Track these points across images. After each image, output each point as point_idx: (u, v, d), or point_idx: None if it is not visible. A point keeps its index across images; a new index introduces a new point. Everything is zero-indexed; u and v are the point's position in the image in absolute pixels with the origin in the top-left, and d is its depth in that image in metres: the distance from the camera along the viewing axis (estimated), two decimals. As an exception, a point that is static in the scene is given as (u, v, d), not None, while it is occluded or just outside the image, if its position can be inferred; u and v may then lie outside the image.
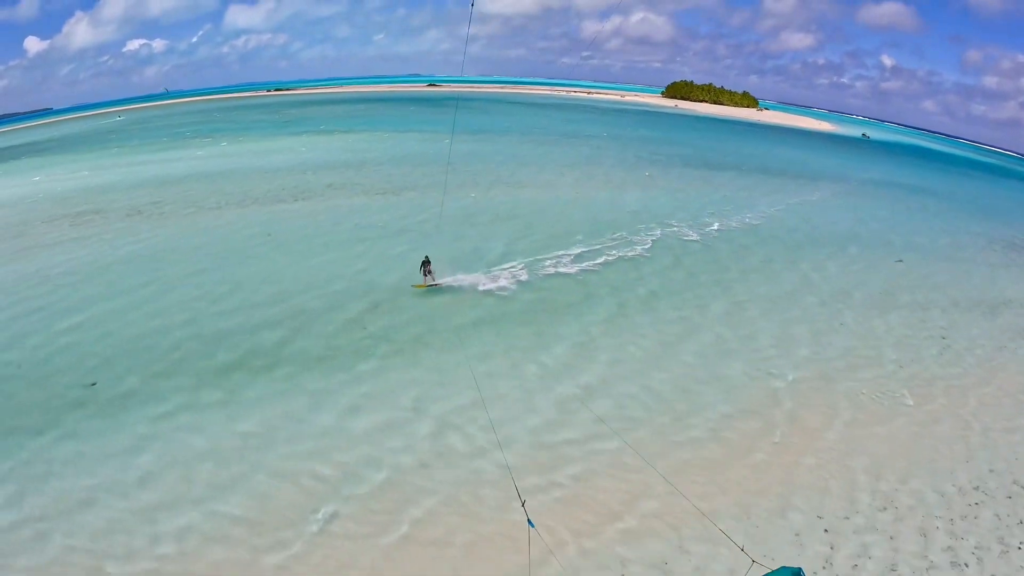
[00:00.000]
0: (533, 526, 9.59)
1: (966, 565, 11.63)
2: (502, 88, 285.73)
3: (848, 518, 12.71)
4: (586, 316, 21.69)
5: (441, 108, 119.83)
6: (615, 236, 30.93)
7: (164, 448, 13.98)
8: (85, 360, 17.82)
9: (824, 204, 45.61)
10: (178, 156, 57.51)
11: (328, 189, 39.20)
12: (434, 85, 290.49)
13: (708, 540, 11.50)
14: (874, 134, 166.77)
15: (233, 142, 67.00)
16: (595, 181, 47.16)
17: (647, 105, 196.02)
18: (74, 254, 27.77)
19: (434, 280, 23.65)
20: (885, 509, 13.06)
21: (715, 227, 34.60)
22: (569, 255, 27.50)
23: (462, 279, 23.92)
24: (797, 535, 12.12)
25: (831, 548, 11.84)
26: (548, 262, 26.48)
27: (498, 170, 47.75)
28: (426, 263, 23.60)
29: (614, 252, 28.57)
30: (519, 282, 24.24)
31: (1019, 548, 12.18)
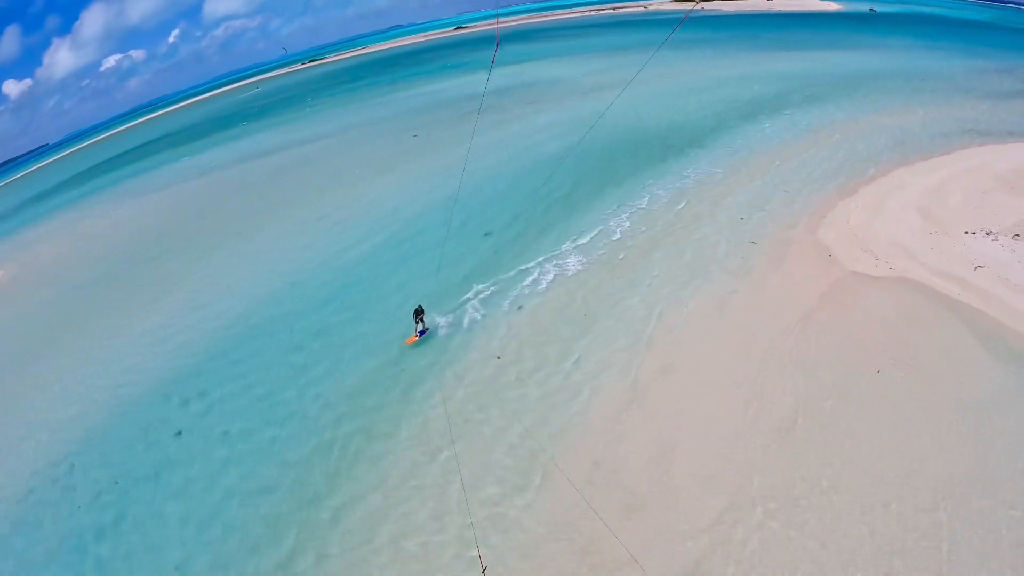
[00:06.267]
0: None
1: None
2: (540, 17, 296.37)
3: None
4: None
5: (577, 37, 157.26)
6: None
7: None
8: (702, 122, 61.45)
9: (886, 57, 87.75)
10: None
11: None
12: (461, 27, 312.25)
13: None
14: (878, 7, 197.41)
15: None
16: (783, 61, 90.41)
17: (679, 11, 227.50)
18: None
19: (424, 326, 24.16)
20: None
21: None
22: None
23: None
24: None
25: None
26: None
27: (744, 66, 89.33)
28: (419, 312, 23.30)
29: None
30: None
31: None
